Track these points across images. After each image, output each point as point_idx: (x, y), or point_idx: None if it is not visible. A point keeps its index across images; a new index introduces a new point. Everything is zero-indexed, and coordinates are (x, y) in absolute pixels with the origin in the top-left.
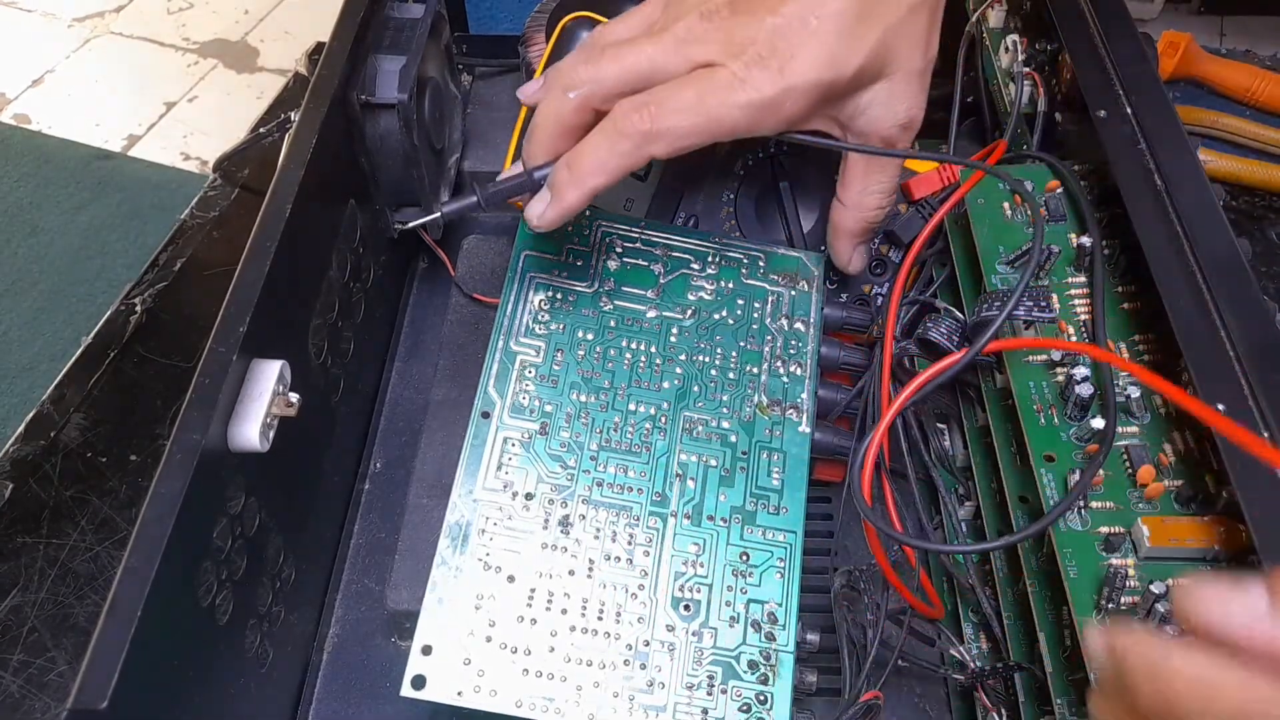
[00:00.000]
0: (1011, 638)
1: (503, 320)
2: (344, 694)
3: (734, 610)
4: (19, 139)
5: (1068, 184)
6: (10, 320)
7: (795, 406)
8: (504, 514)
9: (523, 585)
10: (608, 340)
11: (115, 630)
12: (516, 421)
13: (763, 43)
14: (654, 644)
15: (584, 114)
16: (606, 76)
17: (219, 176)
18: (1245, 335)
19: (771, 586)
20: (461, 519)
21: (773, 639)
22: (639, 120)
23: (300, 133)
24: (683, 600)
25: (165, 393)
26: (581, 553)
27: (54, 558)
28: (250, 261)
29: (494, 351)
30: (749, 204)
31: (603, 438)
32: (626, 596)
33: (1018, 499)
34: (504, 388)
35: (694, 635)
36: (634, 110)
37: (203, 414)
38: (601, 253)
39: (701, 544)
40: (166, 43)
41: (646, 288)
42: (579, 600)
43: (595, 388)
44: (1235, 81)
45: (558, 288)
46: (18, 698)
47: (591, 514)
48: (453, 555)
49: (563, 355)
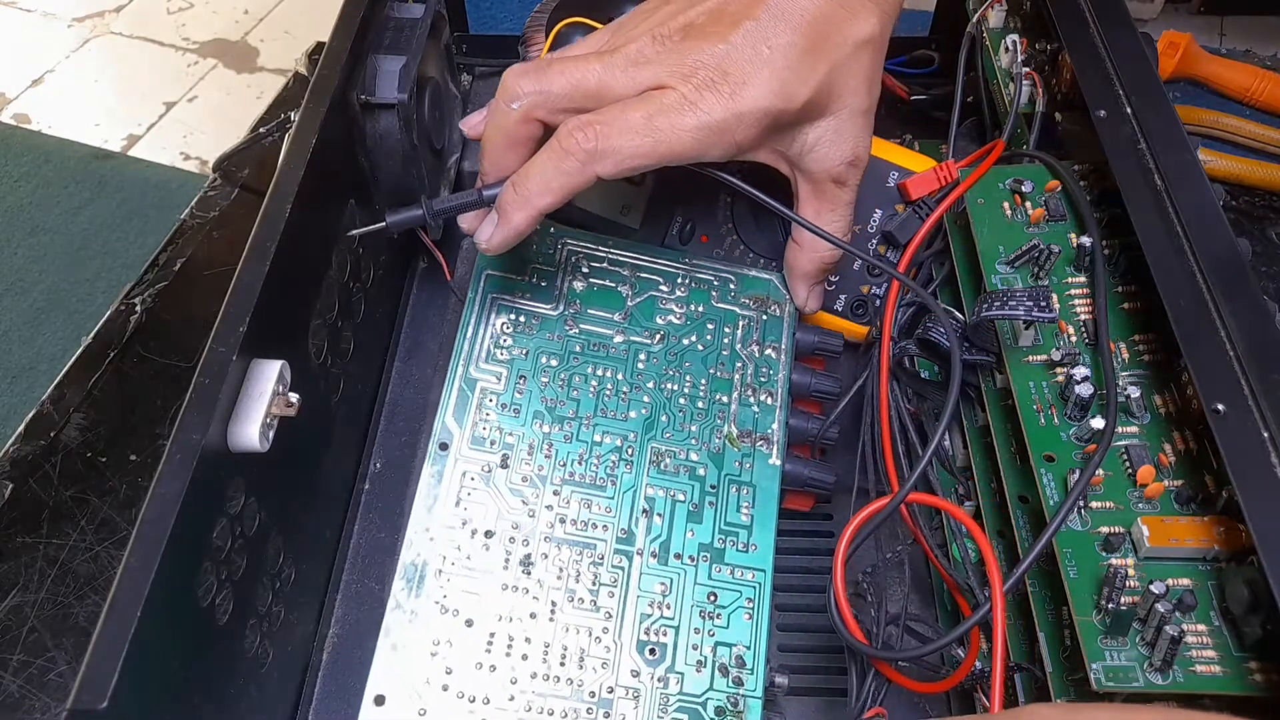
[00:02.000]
0: (1011, 638)
1: (462, 345)
2: (344, 694)
3: (701, 654)
4: (19, 139)
5: (1067, 184)
6: (10, 320)
7: (765, 438)
8: (462, 553)
9: (481, 629)
10: (573, 366)
11: (115, 630)
12: (476, 453)
13: (714, 67)
14: (618, 690)
15: (529, 125)
16: (552, 88)
17: (219, 176)
18: (1245, 335)
19: (740, 629)
20: (417, 558)
21: (740, 683)
22: (584, 139)
23: (300, 133)
24: (648, 644)
25: (165, 393)
26: (544, 594)
27: (54, 558)
28: (250, 261)
29: (452, 378)
30: (747, 208)
31: (566, 470)
32: (590, 640)
33: (1017, 499)
34: (463, 417)
35: (659, 681)
36: (579, 129)
37: (203, 414)
38: (567, 273)
39: (668, 584)
40: (166, 43)
41: (613, 310)
42: (540, 645)
43: (559, 417)
44: (1235, 81)
45: (520, 310)
46: (18, 698)
47: (554, 552)
48: (408, 598)
49: (525, 382)
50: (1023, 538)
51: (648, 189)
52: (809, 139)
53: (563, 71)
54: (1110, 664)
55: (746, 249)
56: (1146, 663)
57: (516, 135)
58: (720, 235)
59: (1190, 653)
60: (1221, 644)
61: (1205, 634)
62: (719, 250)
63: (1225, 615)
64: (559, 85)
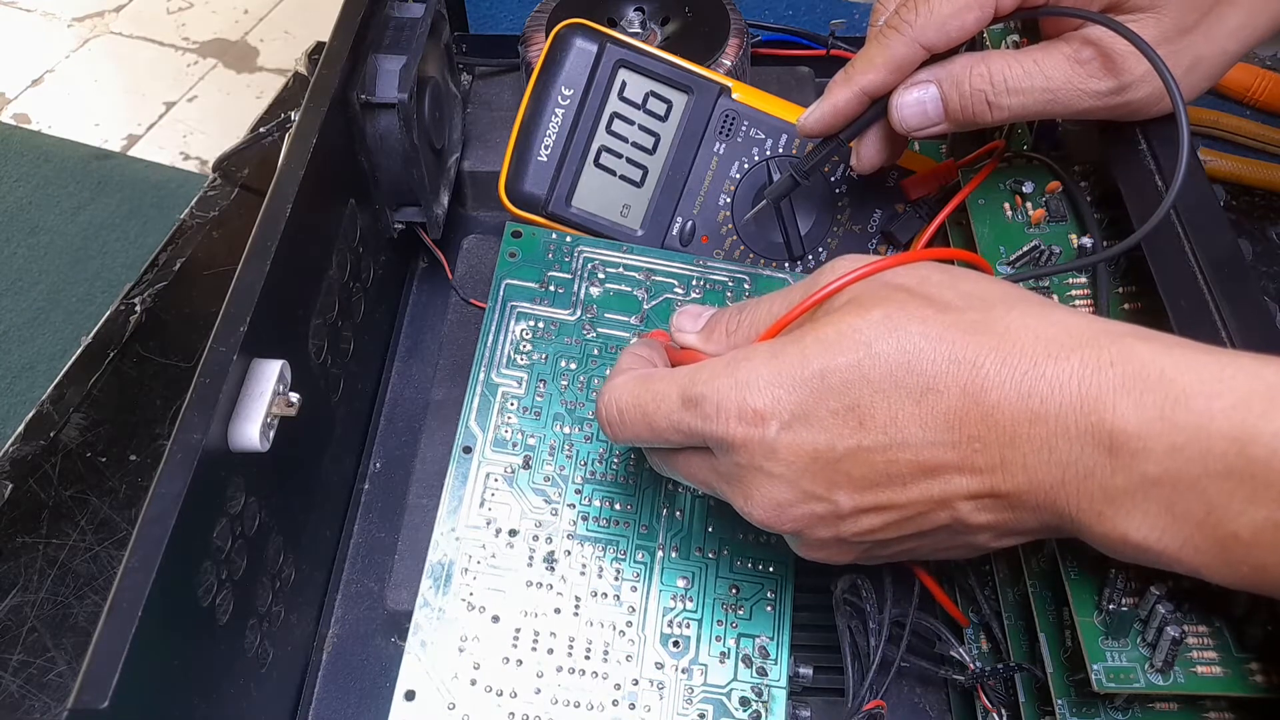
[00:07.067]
0: (1012, 638)
1: (483, 352)
2: (344, 694)
3: (724, 645)
4: (19, 139)
5: (1067, 184)
6: (10, 320)
7: None
8: (487, 552)
9: (507, 625)
10: (591, 369)
11: (115, 630)
12: (499, 455)
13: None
14: (643, 683)
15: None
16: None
17: (219, 176)
18: (1245, 335)
19: (762, 620)
20: (444, 558)
21: (764, 674)
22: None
23: (300, 132)
24: (672, 636)
25: (165, 393)
26: (567, 590)
27: (54, 558)
28: (250, 261)
29: (475, 384)
30: (746, 209)
31: (588, 470)
32: (614, 634)
33: None
34: (485, 421)
35: (684, 673)
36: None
37: (203, 414)
38: (584, 279)
39: (690, 578)
40: (166, 42)
41: (630, 314)
42: (565, 639)
43: (579, 419)
44: (1235, 81)
45: (539, 316)
46: (18, 698)
47: (577, 549)
48: (435, 596)
49: (545, 386)
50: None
51: (648, 190)
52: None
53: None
54: (1111, 665)
55: (747, 249)
56: (1147, 663)
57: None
58: (720, 236)
59: (1191, 653)
60: (1222, 644)
61: (1206, 635)
62: (719, 250)
63: (1226, 616)
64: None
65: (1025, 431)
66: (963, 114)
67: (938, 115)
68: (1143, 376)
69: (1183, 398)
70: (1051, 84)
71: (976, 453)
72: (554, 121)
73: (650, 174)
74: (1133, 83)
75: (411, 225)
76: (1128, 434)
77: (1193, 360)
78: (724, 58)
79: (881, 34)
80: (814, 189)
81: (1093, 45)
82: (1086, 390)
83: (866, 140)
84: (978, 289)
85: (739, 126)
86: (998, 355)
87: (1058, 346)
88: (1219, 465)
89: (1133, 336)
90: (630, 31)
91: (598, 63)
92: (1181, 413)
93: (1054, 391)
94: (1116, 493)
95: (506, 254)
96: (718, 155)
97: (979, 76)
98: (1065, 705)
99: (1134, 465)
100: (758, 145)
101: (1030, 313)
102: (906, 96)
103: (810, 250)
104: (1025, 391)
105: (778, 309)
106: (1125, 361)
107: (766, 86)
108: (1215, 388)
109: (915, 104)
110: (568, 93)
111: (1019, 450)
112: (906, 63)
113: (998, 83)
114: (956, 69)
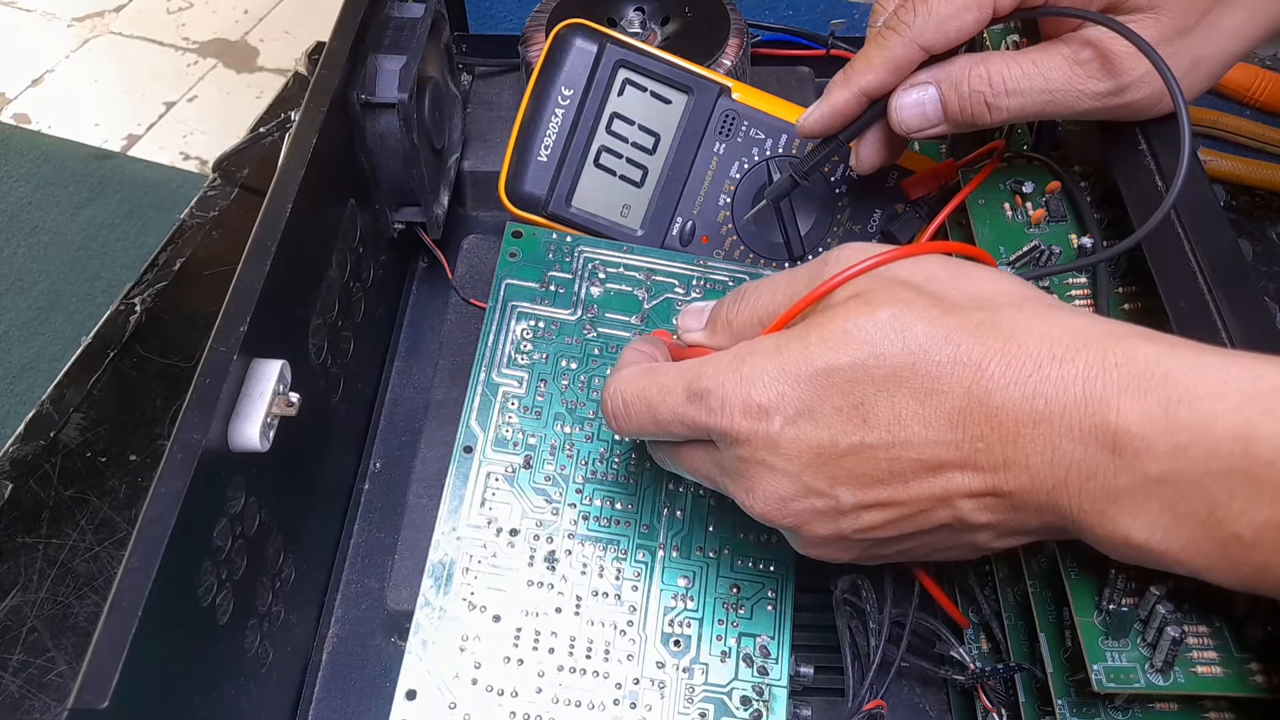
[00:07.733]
0: (1012, 639)
1: (484, 352)
2: (344, 694)
3: (725, 645)
4: (19, 139)
5: (1067, 184)
6: (10, 320)
7: None
8: (488, 551)
9: (508, 625)
10: (592, 369)
11: (115, 630)
12: (500, 455)
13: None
14: (644, 682)
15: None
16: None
17: (219, 176)
18: (1245, 335)
19: (763, 620)
20: (445, 557)
21: (765, 673)
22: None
23: (300, 132)
24: (673, 636)
25: (165, 393)
26: (568, 589)
27: (54, 558)
28: (250, 261)
29: (475, 384)
30: (746, 209)
31: (589, 469)
32: (615, 633)
33: None
34: (486, 421)
35: (684, 672)
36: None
37: (203, 414)
38: (584, 279)
39: (691, 577)
40: (166, 42)
41: (630, 314)
42: (566, 639)
43: (579, 418)
44: (1235, 81)
45: (540, 316)
46: (18, 698)
47: (578, 549)
48: (436, 595)
49: (546, 385)
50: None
51: (647, 190)
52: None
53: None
54: (1111, 665)
55: (747, 249)
56: (1148, 663)
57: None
58: (720, 236)
59: (1191, 653)
60: (1222, 645)
61: (1206, 635)
62: (719, 250)
63: (1226, 616)
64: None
65: (1029, 432)
66: (962, 115)
67: (937, 116)
68: (1146, 377)
69: (1186, 397)
70: (1051, 85)
71: (979, 452)
72: (554, 121)
73: (650, 174)
74: (1132, 83)
75: (411, 225)
76: (1131, 433)
77: (1196, 360)
78: (724, 58)
79: (880, 35)
80: (814, 189)
81: (1092, 46)
82: (1090, 391)
83: (866, 140)
84: (984, 288)
85: (739, 126)
86: (1002, 358)
87: (1062, 349)
88: (1222, 465)
89: (1137, 337)
90: (630, 31)
91: (598, 63)
92: (1185, 412)
93: (1058, 393)
94: (1119, 493)
95: (507, 254)
96: (718, 155)
97: (978, 78)
98: (1065, 705)
99: (1137, 465)
100: (758, 145)
101: (1036, 314)
102: (905, 98)
103: (810, 250)
104: (1029, 394)
105: (781, 298)
106: (1129, 362)
107: (766, 86)
108: (1219, 388)
109: (914, 105)
110: (568, 93)
111: (1022, 450)
112: (905, 64)
113: (997, 84)
114: (955, 70)
